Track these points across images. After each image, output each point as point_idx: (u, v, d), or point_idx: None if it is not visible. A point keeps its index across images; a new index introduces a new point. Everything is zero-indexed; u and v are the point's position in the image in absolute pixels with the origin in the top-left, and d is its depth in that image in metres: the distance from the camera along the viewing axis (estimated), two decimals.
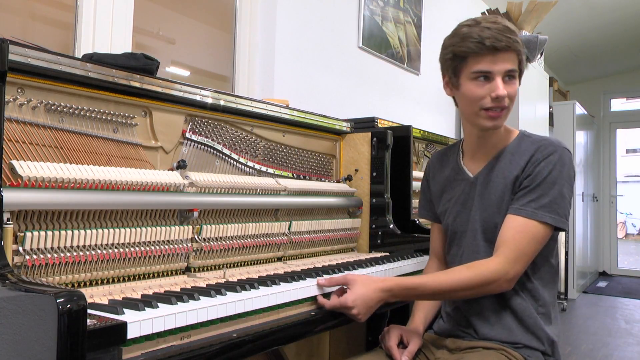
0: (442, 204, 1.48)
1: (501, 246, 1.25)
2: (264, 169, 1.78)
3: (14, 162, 1.07)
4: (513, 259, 1.23)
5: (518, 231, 1.24)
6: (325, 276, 1.35)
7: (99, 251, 1.18)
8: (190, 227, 1.40)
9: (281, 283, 1.28)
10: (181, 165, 1.43)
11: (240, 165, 1.70)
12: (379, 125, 2.28)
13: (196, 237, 1.43)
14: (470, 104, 1.29)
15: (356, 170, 2.11)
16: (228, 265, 1.52)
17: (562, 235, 4.97)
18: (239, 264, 1.57)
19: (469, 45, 1.24)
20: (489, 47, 1.22)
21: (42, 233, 1.08)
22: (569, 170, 1.27)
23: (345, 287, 1.30)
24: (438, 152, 1.57)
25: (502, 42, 1.23)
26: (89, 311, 0.84)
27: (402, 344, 1.35)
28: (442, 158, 1.52)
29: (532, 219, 1.24)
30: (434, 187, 1.53)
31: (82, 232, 1.15)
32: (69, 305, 0.74)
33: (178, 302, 1.02)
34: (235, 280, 1.33)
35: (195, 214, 1.41)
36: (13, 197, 1.02)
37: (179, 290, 1.18)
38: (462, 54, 1.27)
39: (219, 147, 1.62)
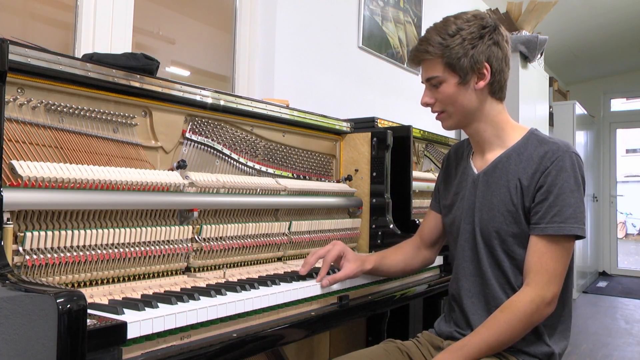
0: (449, 197, 1.45)
1: (530, 272, 1.22)
2: (264, 169, 1.78)
3: (14, 162, 1.07)
4: (544, 282, 1.19)
5: (543, 253, 1.21)
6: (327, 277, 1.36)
7: (99, 251, 1.18)
8: (190, 227, 1.40)
9: (281, 283, 1.28)
10: (181, 165, 1.43)
11: (240, 165, 1.70)
12: (379, 125, 2.28)
13: (196, 237, 1.43)
14: None
15: (356, 170, 2.11)
16: (228, 265, 1.52)
17: None
18: (239, 264, 1.57)
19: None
20: (410, 63, 1.40)
21: (42, 233, 1.08)
22: (581, 175, 1.24)
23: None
24: (457, 142, 1.54)
25: (411, 56, 1.37)
26: (89, 311, 0.84)
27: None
28: (458, 150, 1.50)
29: (560, 234, 1.20)
30: (445, 178, 1.50)
31: (82, 232, 1.15)
32: (69, 305, 0.74)
33: (178, 302, 1.02)
34: (235, 280, 1.34)
35: (195, 214, 1.41)
36: (13, 197, 1.02)
37: (179, 290, 1.18)
38: None
39: (219, 147, 1.62)
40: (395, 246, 1.58)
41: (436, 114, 1.38)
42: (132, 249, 1.25)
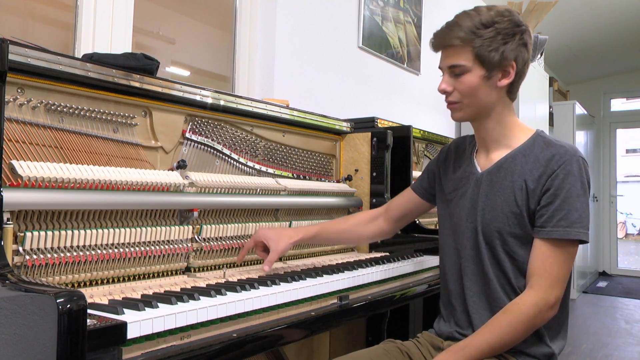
0: (448, 192, 1.43)
1: (533, 276, 1.21)
2: (264, 169, 1.78)
3: (14, 162, 1.07)
4: (547, 286, 1.19)
5: (548, 256, 1.20)
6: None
7: (99, 251, 1.18)
8: (190, 227, 1.40)
9: (281, 283, 1.28)
10: (181, 165, 1.43)
11: (240, 165, 1.70)
12: (379, 125, 2.28)
13: (196, 237, 1.43)
14: None
15: (356, 170, 2.11)
16: (228, 265, 1.52)
17: None
18: (239, 263, 1.57)
19: (429, 43, 1.34)
20: (433, 45, 1.31)
21: (42, 233, 1.08)
22: (587, 180, 1.24)
23: None
24: (459, 138, 1.52)
25: (436, 40, 1.29)
26: (89, 311, 0.84)
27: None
28: (460, 146, 1.48)
29: (566, 238, 1.19)
30: (443, 170, 1.48)
31: (82, 232, 1.15)
32: (69, 305, 0.74)
33: (178, 302, 1.02)
34: (235, 280, 1.34)
35: (195, 214, 1.41)
36: (13, 197, 1.02)
37: (179, 290, 1.18)
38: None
39: (219, 147, 1.62)
40: (348, 215, 1.69)
41: (449, 103, 1.33)
42: (132, 249, 1.25)
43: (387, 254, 1.96)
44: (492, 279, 1.28)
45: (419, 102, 3.60)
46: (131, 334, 0.87)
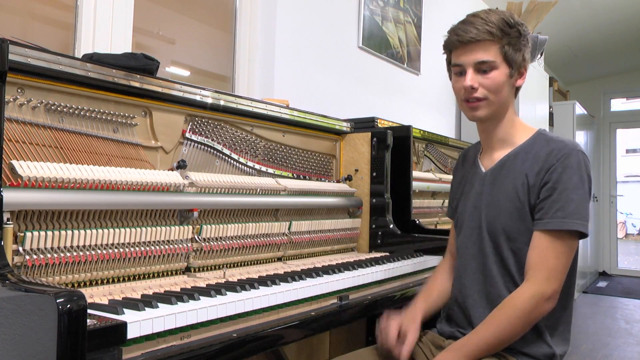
0: (456, 197, 1.46)
1: (530, 268, 1.21)
2: (264, 169, 1.78)
3: (14, 162, 1.07)
4: (544, 278, 1.19)
5: (545, 248, 1.21)
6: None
7: (99, 251, 1.18)
8: (190, 227, 1.40)
9: (281, 283, 1.28)
10: (181, 165, 1.43)
11: (240, 165, 1.70)
12: (379, 125, 2.28)
13: (196, 237, 1.43)
14: (456, 96, 1.35)
15: (356, 170, 2.11)
16: (228, 265, 1.52)
17: None
18: (239, 264, 1.57)
19: (448, 39, 1.31)
20: (458, 40, 1.28)
21: (42, 233, 1.08)
22: (587, 174, 1.25)
23: None
24: (467, 147, 1.55)
25: (468, 34, 1.26)
26: (89, 311, 0.84)
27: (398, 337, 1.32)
28: (467, 152, 1.51)
29: (561, 229, 1.19)
30: (454, 181, 1.51)
31: (82, 232, 1.15)
32: (69, 305, 0.74)
33: (178, 302, 1.02)
34: (235, 280, 1.33)
35: (195, 214, 1.41)
36: (13, 197, 1.02)
37: (179, 290, 1.18)
38: (447, 49, 1.34)
39: (219, 147, 1.62)
40: (435, 273, 1.51)
41: (474, 100, 1.29)
42: (132, 249, 1.25)
43: (387, 254, 1.96)
44: (495, 276, 1.29)
45: (419, 102, 3.59)
46: (131, 334, 0.87)
